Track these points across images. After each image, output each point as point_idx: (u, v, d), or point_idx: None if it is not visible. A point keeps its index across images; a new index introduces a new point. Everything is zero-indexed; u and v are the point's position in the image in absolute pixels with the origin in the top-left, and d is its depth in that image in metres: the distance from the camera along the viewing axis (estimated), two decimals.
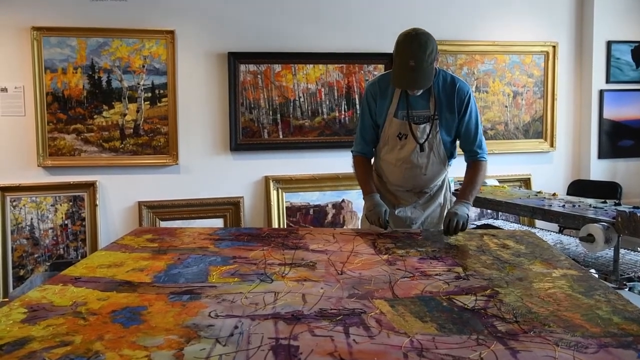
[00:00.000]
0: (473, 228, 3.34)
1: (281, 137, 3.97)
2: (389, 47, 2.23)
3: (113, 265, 1.57)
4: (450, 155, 2.27)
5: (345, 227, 3.98)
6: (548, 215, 2.63)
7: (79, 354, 0.96)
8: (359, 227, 2.44)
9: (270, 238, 1.91)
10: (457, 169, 2.45)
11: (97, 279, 1.43)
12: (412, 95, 2.08)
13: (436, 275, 1.46)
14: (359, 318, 1.13)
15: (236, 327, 1.08)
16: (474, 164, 2.24)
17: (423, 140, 2.13)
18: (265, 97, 3.92)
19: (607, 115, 4.38)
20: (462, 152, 2.31)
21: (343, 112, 4.02)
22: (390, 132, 2.17)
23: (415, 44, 1.91)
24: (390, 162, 2.24)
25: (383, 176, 2.34)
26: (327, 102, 4.01)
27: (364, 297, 1.27)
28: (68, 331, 1.07)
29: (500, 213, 4.08)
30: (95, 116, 3.71)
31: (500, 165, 4.31)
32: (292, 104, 3.97)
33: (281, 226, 3.94)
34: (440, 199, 2.34)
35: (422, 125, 2.13)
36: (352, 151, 2.36)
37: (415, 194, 2.30)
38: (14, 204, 3.62)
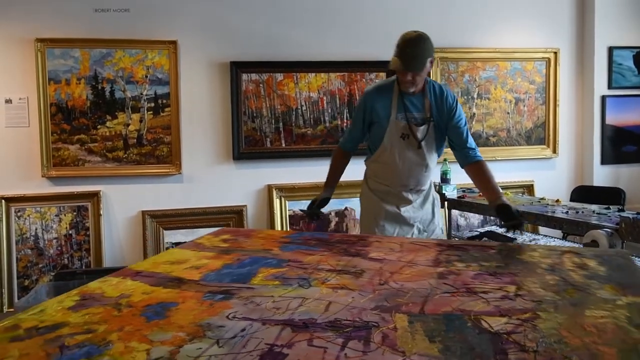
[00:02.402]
0: (474, 236, 3.33)
1: (284, 145, 3.98)
2: (390, 55, 2.26)
3: (176, 262, 1.59)
4: (439, 155, 2.50)
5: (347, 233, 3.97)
6: (551, 221, 2.62)
7: (94, 342, 0.99)
8: (359, 230, 2.59)
9: (337, 244, 1.86)
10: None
11: (155, 274, 1.46)
12: (407, 92, 2.32)
13: (482, 292, 1.34)
14: (367, 332, 1.10)
15: (243, 330, 1.08)
16: (479, 166, 2.38)
17: (421, 138, 2.35)
18: (268, 106, 3.94)
19: (609, 121, 4.37)
20: (456, 160, 2.47)
21: (345, 120, 4.03)
22: (395, 133, 2.36)
23: (413, 37, 2.23)
24: (397, 163, 2.40)
25: (387, 180, 2.48)
26: (329, 111, 4.02)
27: (388, 310, 1.21)
28: (99, 320, 1.11)
29: None
30: (98, 126, 3.73)
31: (503, 172, 4.30)
32: (294, 112, 3.98)
33: None
34: (431, 198, 2.56)
35: (421, 127, 2.35)
36: (339, 144, 2.64)
37: (415, 192, 2.48)
38: (19, 214, 3.64)
